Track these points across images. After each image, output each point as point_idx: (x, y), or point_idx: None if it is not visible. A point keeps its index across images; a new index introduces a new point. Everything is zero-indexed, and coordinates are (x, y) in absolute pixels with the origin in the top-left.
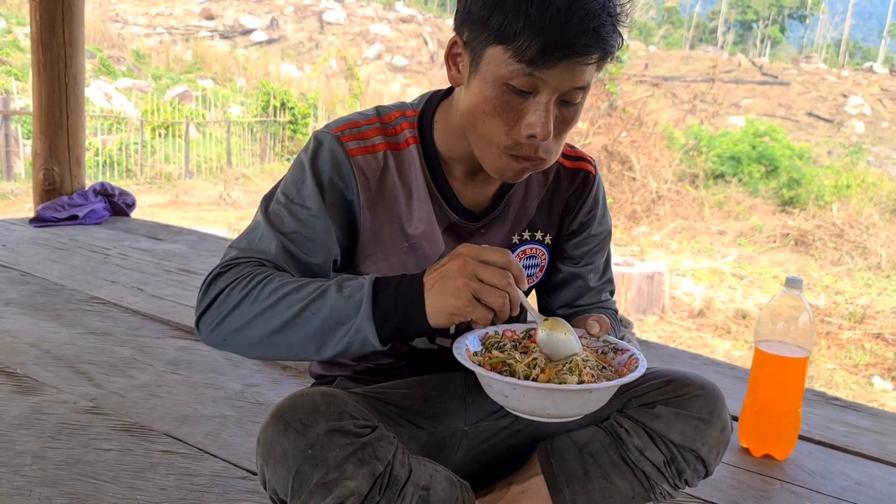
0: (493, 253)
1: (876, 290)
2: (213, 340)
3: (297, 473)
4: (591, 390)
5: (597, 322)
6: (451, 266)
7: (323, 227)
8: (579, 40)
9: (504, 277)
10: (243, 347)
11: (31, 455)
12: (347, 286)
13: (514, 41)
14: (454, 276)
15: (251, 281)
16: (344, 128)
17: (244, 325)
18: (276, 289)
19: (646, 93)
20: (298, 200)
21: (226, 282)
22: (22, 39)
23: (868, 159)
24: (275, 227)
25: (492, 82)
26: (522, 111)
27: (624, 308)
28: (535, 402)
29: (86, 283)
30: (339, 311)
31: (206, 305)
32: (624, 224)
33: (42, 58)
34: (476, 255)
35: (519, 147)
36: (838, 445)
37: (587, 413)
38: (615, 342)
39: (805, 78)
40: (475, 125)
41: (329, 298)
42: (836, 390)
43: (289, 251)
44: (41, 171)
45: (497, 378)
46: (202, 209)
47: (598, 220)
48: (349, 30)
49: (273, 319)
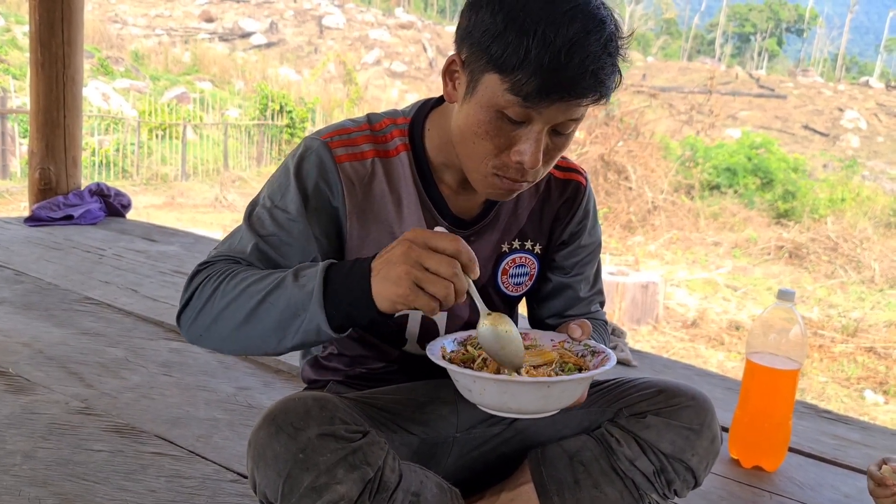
0: (443, 239)
1: (869, 304)
2: (192, 337)
3: (287, 477)
4: (550, 384)
5: (579, 326)
6: (395, 251)
7: (301, 232)
8: (578, 82)
9: (450, 266)
10: (218, 342)
11: (21, 455)
12: (303, 274)
13: (512, 75)
14: (397, 263)
15: (220, 275)
16: (333, 134)
17: (214, 320)
18: (239, 281)
19: (643, 103)
20: (280, 205)
21: (200, 278)
22: (20, 38)
23: (863, 173)
24: (254, 229)
25: (486, 107)
26: (514, 138)
27: (618, 317)
28: (495, 396)
29: (80, 283)
30: (295, 301)
31: (183, 303)
32: (619, 234)
33: (40, 57)
34: (424, 240)
35: (506, 168)
36: (828, 458)
37: (555, 410)
38: (594, 346)
39: (801, 91)
40: (466, 144)
41: (286, 288)
42: (827, 403)
43: (263, 252)
44: (37, 171)
45: (460, 371)
46: (198, 211)
47: (588, 230)
48: (348, 35)
49: (237, 312)
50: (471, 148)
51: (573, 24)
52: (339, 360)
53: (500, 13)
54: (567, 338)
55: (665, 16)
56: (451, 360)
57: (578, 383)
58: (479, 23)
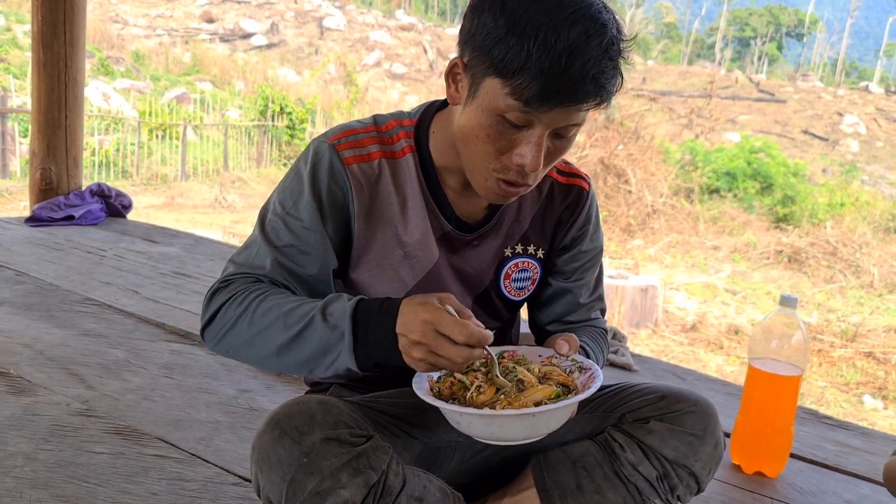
0: (453, 327)
1: (868, 309)
2: (220, 352)
3: (291, 481)
4: (534, 414)
5: (566, 342)
6: (412, 337)
7: (317, 240)
8: (578, 87)
9: (460, 356)
10: (248, 360)
11: (22, 456)
12: (331, 312)
13: (513, 79)
14: (413, 349)
15: (245, 299)
16: (340, 136)
17: (244, 344)
18: (267, 310)
19: (643, 107)
20: (294, 213)
21: (223, 298)
22: (21, 37)
23: (862, 178)
24: (270, 241)
25: (487, 111)
26: (515, 141)
27: (617, 321)
28: (483, 428)
29: (81, 284)
30: (325, 341)
31: (207, 320)
32: (619, 237)
33: (42, 57)
34: (436, 324)
35: (507, 171)
36: (829, 464)
37: (544, 435)
38: (581, 361)
39: (801, 96)
40: (467, 147)
41: (316, 328)
42: (826, 408)
43: (283, 265)
44: (38, 171)
45: (445, 407)
46: (197, 212)
47: (589, 236)
48: (349, 36)
49: (267, 343)
50: (472, 150)
51: (574, 28)
52: None
53: (502, 17)
54: (554, 353)
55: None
56: (440, 390)
57: (564, 410)
58: (480, 26)
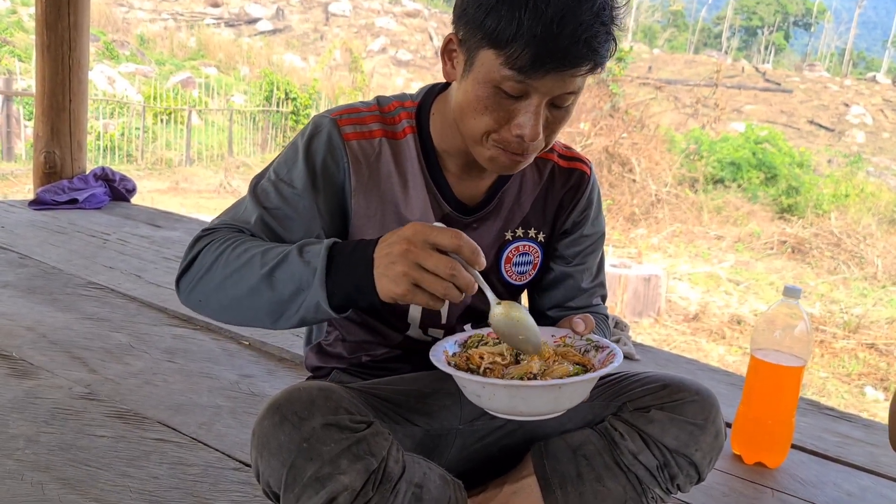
0: (443, 235)
1: (871, 301)
2: (191, 303)
3: (291, 467)
4: (560, 386)
5: (582, 321)
6: (395, 249)
7: (306, 207)
8: (571, 51)
9: (448, 267)
10: (217, 311)
11: (24, 439)
12: (308, 250)
13: (507, 48)
14: (396, 262)
15: (223, 243)
16: (342, 112)
17: (216, 288)
18: (244, 251)
19: (648, 95)
20: (287, 179)
21: (203, 244)
22: (26, 20)
23: (868, 169)
24: (259, 201)
25: (483, 83)
26: (513, 112)
27: (620, 310)
28: (506, 401)
29: (84, 267)
30: (299, 276)
31: (183, 267)
32: (622, 226)
33: (46, 40)
34: (424, 238)
35: (507, 143)
36: (831, 456)
37: (564, 410)
38: (597, 340)
39: (808, 86)
40: (466, 120)
41: (291, 263)
42: (828, 399)
43: (267, 224)
44: (42, 154)
45: (468, 378)
46: (202, 196)
47: (591, 220)
48: (354, 22)
49: (240, 283)
50: (471, 124)
51: None
52: (343, 347)
53: None
54: (568, 332)
55: (672, 8)
56: (457, 365)
57: (589, 383)
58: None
